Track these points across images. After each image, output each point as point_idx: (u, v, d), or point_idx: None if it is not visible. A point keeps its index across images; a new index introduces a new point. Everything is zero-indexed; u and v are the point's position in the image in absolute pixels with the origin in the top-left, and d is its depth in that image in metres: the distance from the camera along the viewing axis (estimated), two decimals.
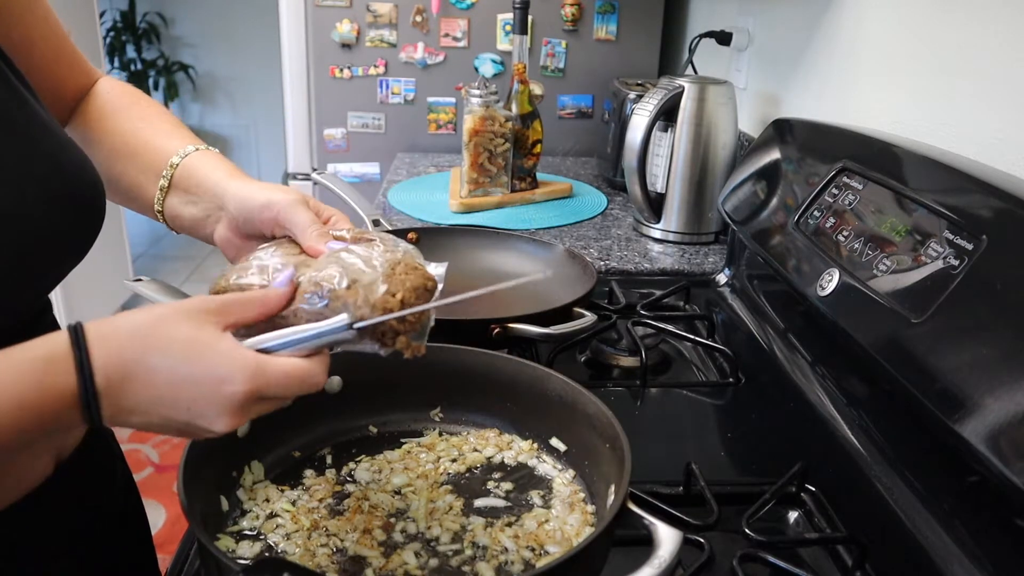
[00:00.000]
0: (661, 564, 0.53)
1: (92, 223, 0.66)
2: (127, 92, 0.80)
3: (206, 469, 0.64)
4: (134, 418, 0.50)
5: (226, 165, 0.72)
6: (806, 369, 1.00)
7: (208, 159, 0.72)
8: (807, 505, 0.77)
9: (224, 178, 0.70)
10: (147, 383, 0.49)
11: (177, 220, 0.73)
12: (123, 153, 0.75)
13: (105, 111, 0.78)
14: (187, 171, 0.72)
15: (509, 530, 0.66)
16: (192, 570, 0.69)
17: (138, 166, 0.74)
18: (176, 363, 0.50)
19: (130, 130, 0.76)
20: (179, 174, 0.72)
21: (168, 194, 0.72)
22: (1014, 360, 0.62)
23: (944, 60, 1.02)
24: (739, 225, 1.18)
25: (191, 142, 0.74)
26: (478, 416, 0.80)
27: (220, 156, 0.74)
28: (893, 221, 0.86)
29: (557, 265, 1.14)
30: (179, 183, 0.72)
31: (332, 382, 0.76)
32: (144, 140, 0.75)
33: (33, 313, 0.66)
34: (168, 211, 0.73)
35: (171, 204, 0.73)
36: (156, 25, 5.05)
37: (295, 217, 0.65)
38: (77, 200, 0.64)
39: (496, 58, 2.03)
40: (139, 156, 0.74)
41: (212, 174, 0.71)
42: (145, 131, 0.76)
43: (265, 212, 0.66)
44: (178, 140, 0.74)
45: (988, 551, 0.65)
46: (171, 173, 0.72)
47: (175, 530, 2.31)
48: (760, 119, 1.60)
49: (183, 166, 0.72)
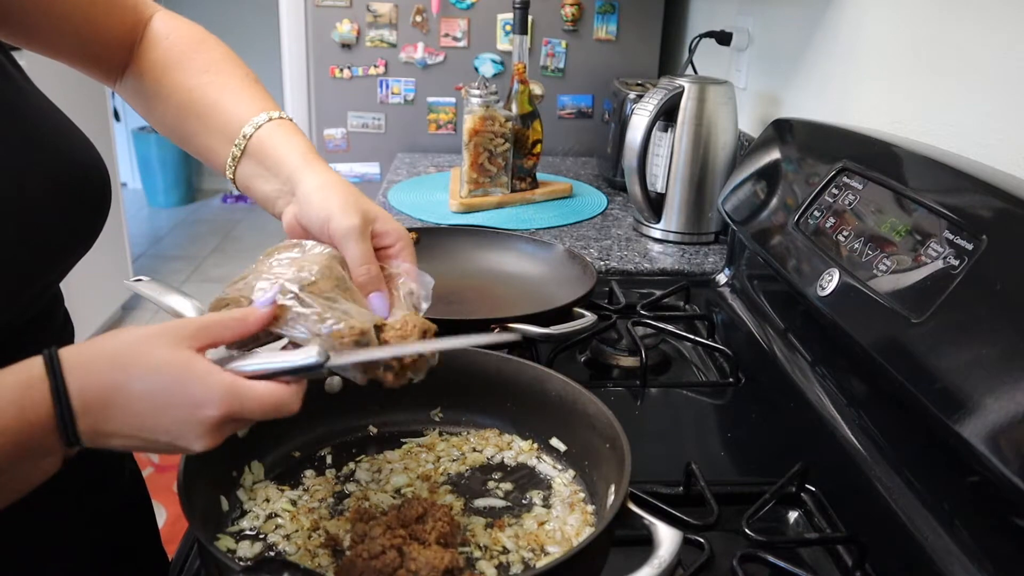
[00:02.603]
0: (661, 564, 0.53)
1: (98, 212, 0.66)
2: (189, 35, 0.76)
3: (206, 469, 0.64)
4: (114, 441, 0.51)
5: (300, 143, 0.69)
6: (806, 369, 1.00)
7: (281, 133, 0.69)
8: (807, 505, 0.77)
9: (299, 164, 0.67)
10: (126, 410, 0.50)
11: (249, 191, 0.72)
12: (191, 113, 0.72)
13: (167, 61, 0.74)
14: (260, 144, 0.69)
15: (509, 530, 0.66)
16: (192, 570, 0.69)
17: (208, 128, 0.72)
18: (154, 389, 0.50)
19: (195, 86, 0.72)
20: (252, 145, 0.69)
21: (240, 163, 0.70)
22: (1014, 360, 0.62)
23: (944, 60, 1.02)
24: (739, 225, 1.18)
25: (263, 106, 0.71)
26: (478, 416, 0.80)
27: (293, 129, 0.71)
28: (893, 221, 0.86)
29: (557, 265, 1.14)
30: (252, 154, 0.70)
31: (332, 382, 0.76)
32: (213, 100, 0.72)
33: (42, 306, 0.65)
34: (240, 180, 0.71)
35: (243, 174, 0.71)
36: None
37: (346, 250, 0.63)
38: (82, 188, 0.63)
39: (496, 58, 2.03)
40: (209, 118, 0.72)
41: (287, 155, 0.68)
42: (213, 89, 0.72)
43: (321, 227, 0.64)
44: (248, 102, 0.71)
45: (988, 551, 0.65)
46: (243, 144, 0.69)
47: (175, 530, 2.30)
48: (760, 119, 1.60)
49: (256, 138, 0.69)
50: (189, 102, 0.72)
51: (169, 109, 0.73)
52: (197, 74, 0.73)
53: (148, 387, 0.50)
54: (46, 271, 0.62)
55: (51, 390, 0.48)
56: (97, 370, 0.49)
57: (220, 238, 4.70)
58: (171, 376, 0.50)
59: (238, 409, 0.51)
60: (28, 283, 0.60)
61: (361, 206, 0.65)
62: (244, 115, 0.70)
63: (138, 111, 0.79)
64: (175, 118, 0.73)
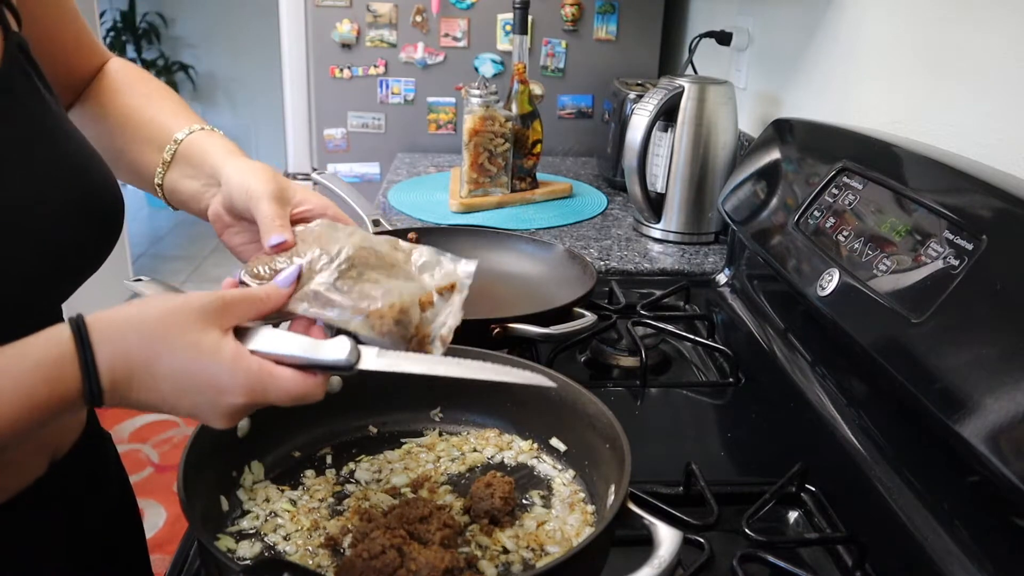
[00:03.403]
0: (661, 564, 0.53)
1: (110, 237, 0.67)
2: (135, 71, 0.81)
3: (206, 469, 0.64)
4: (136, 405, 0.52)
5: (227, 144, 0.72)
6: (806, 369, 1.00)
7: (211, 138, 0.73)
8: (807, 505, 0.77)
9: (223, 155, 0.70)
10: (152, 388, 0.51)
11: (175, 194, 0.74)
12: (127, 127, 0.76)
13: (112, 88, 0.79)
14: (189, 148, 0.72)
15: (509, 530, 0.66)
16: (192, 570, 0.69)
17: (141, 140, 0.75)
18: (180, 370, 0.51)
19: (135, 106, 0.77)
20: (182, 150, 0.72)
21: (169, 168, 0.73)
22: (1014, 360, 0.62)
23: (944, 60, 1.02)
24: (739, 225, 1.18)
25: (196, 122, 0.75)
26: (478, 416, 0.80)
27: (223, 137, 0.74)
28: (893, 221, 0.86)
29: (557, 265, 1.14)
30: (181, 158, 0.73)
31: (332, 382, 0.76)
32: (149, 116, 0.76)
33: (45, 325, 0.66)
34: (167, 185, 0.74)
35: (171, 178, 0.73)
36: (156, 25, 5.05)
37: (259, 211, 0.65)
38: (97, 213, 0.65)
39: (496, 58, 2.03)
40: (143, 130, 0.75)
41: (213, 151, 0.71)
42: (150, 108, 0.77)
43: (245, 203, 0.66)
44: (183, 119, 0.75)
45: (988, 551, 0.65)
46: (174, 149, 0.72)
47: (175, 530, 2.31)
48: (760, 119, 1.60)
49: (186, 143, 0.72)
50: (127, 119, 0.76)
51: (107, 126, 0.77)
52: (137, 97, 0.78)
53: (175, 368, 0.51)
54: (55, 291, 0.63)
55: (80, 367, 0.49)
56: (125, 344, 0.50)
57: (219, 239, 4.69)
58: (199, 359, 0.51)
59: (262, 397, 0.53)
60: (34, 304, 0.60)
61: (280, 181, 0.68)
62: (176, 127, 0.74)
63: None
64: (111, 135, 0.76)
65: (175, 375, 0.51)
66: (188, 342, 0.51)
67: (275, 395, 0.53)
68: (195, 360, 0.51)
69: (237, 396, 0.52)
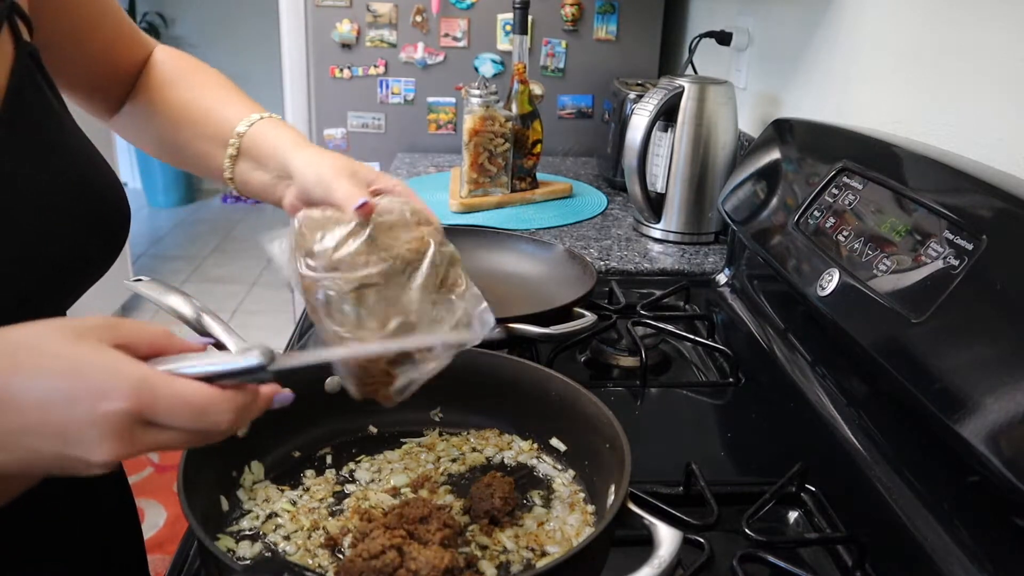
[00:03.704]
0: (661, 564, 0.53)
1: (114, 246, 0.67)
2: (184, 60, 0.81)
3: (206, 469, 0.64)
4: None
5: (290, 133, 0.72)
6: (806, 369, 1.00)
7: (273, 127, 0.73)
8: (807, 505, 0.77)
9: (290, 148, 0.70)
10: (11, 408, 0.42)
11: (247, 187, 0.74)
12: (187, 122, 0.75)
13: (164, 80, 0.78)
14: (253, 141, 0.72)
15: (509, 530, 0.66)
16: (192, 570, 0.69)
17: (203, 135, 0.75)
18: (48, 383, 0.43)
19: (191, 99, 0.76)
20: (246, 143, 0.72)
21: (237, 162, 0.73)
22: (1014, 360, 0.62)
23: (944, 60, 1.02)
24: (739, 225, 1.18)
25: (253, 109, 0.74)
26: (478, 416, 0.80)
27: (283, 123, 0.74)
28: (893, 221, 0.86)
29: (557, 265, 1.14)
30: (246, 153, 0.72)
31: (332, 382, 0.76)
32: (206, 109, 0.75)
33: None
34: (238, 178, 0.74)
35: (240, 171, 0.73)
36: (156, 25, 5.05)
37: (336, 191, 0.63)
38: (103, 223, 0.65)
39: (496, 58, 2.03)
40: (202, 125, 0.75)
41: (279, 144, 0.71)
42: (206, 99, 0.76)
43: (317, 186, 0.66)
44: (240, 107, 0.74)
45: (988, 551, 0.65)
46: (238, 143, 0.72)
47: (175, 530, 2.31)
48: (760, 119, 1.60)
49: (249, 136, 0.72)
50: (185, 113, 0.76)
51: (164, 123, 0.76)
52: (191, 88, 0.77)
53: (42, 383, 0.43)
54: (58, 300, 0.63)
55: None
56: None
57: (220, 238, 4.69)
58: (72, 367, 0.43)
59: (149, 403, 0.43)
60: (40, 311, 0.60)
61: (351, 164, 0.67)
62: (236, 118, 0.73)
63: (130, 137, 0.83)
64: (171, 130, 0.76)
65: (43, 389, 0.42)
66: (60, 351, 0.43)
67: (167, 402, 0.44)
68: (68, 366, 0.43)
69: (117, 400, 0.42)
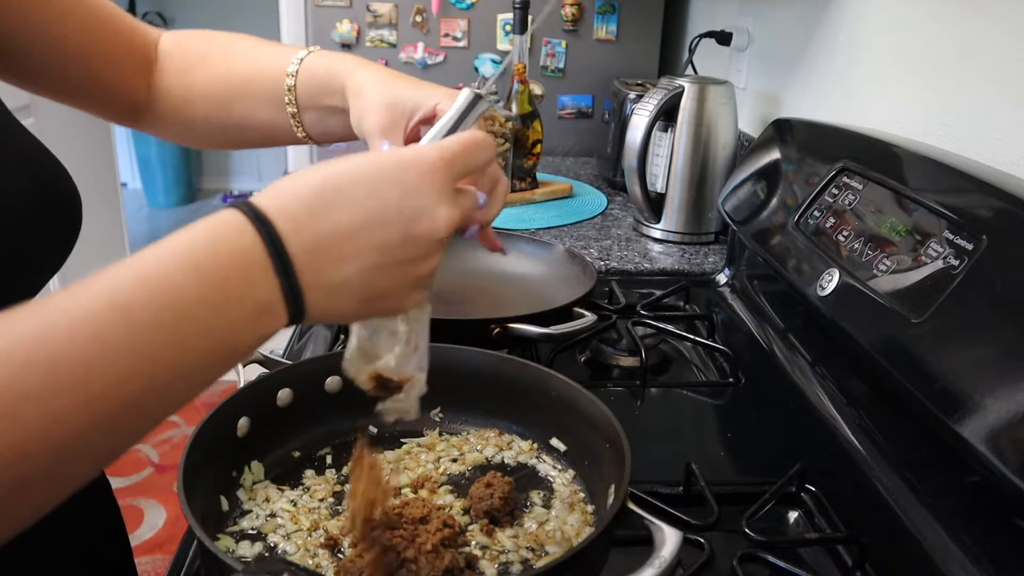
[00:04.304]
0: (661, 564, 0.53)
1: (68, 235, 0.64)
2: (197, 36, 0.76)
3: (206, 469, 0.64)
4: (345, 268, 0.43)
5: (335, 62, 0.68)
6: (806, 369, 1.00)
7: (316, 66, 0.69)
8: (807, 505, 0.77)
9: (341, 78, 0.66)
10: (345, 204, 0.43)
11: (330, 135, 0.71)
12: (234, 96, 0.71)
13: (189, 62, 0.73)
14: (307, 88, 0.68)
15: (509, 530, 0.66)
16: (192, 570, 0.69)
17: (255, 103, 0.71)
18: (364, 172, 0.45)
19: (226, 70, 0.72)
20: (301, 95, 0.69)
21: (303, 118, 0.70)
22: (1014, 360, 0.62)
23: (944, 60, 1.02)
24: (739, 225, 1.18)
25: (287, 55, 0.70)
26: (478, 416, 0.80)
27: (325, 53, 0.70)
28: (893, 221, 0.86)
29: (557, 265, 1.14)
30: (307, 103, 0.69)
31: (332, 382, 0.77)
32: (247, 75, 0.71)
33: None
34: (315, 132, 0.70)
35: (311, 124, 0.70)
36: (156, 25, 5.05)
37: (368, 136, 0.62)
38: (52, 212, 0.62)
39: (496, 58, 2.03)
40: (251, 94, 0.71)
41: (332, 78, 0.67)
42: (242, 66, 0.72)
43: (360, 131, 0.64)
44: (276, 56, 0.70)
45: (988, 551, 0.65)
46: (294, 97, 0.69)
47: (175, 530, 2.31)
48: (760, 119, 1.60)
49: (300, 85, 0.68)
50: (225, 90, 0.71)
51: (209, 106, 0.72)
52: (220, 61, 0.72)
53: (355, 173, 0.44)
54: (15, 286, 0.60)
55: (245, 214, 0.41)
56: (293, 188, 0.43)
57: None
58: (373, 156, 0.46)
59: (452, 153, 0.47)
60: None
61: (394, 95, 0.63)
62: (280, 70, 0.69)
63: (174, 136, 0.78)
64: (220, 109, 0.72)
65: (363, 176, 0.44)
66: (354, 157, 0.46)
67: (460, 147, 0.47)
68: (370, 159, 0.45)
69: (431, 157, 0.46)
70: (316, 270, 0.42)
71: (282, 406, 0.74)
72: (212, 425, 0.66)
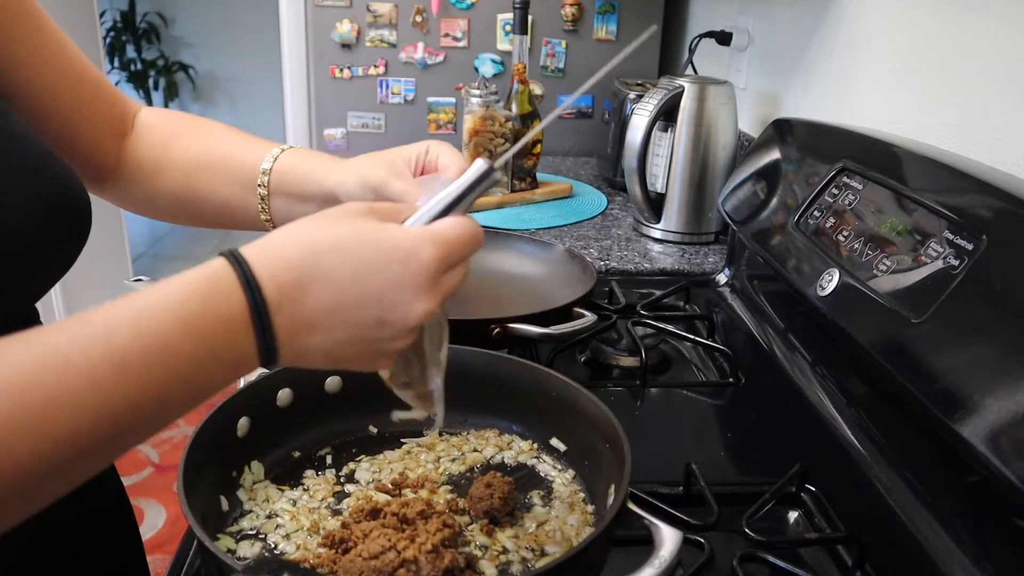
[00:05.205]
0: (661, 564, 0.53)
1: (78, 235, 0.65)
2: (182, 115, 0.79)
3: (206, 469, 0.64)
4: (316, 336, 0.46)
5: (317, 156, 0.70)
6: (806, 369, 1.00)
7: (298, 156, 0.71)
8: (807, 505, 0.77)
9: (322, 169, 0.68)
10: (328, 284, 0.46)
11: None
12: (204, 171, 0.73)
13: (167, 136, 0.76)
14: (282, 174, 0.70)
15: (509, 530, 0.66)
16: (192, 570, 0.69)
17: (225, 181, 0.72)
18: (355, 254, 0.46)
19: (204, 148, 0.74)
20: (275, 179, 0.70)
21: (271, 201, 0.71)
22: (1014, 360, 0.62)
23: (944, 60, 1.02)
24: (739, 225, 1.18)
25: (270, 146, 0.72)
26: (478, 416, 0.80)
27: (307, 150, 0.72)
28: (893, 221, 0.86)
29: (557, 265, 1.14)
30: (278, 188, 0.70)
31: (332, 382, 0.77)
32: (223, 155, 0.73)
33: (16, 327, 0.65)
34: (277, 217, 0.71)
35: (277, 209, 0.71)
36: (156, 25, 5.05)
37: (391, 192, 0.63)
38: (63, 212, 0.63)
39: (496, 58, 2.03)
40: (223, 171, 0.72)
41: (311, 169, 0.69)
42: (221, 146, 0.74)
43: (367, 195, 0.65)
44: (257, 146, 0.72)
45: (988, 551, 0.65)
46: (267, 179, 0.70)
47: (175, 530, 2.31)
48: (760, 119, 1.60)
49: (276, 170, 0.70)
50: (201, 162, 0.73)
51: (178, 177, 0.74)
52: (202, 139, 0.75)
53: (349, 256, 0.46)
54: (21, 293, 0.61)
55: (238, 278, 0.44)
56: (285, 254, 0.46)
57: (220, 238, 4.69)
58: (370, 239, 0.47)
59: (447, 248, 0.48)
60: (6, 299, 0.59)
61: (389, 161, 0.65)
62: (257, 157, 0.71)
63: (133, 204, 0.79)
64: (187, 181, 0.74)
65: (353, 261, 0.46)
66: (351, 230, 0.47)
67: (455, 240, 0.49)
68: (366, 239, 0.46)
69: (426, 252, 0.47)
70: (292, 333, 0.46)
71: (282, 406, 0.74)
72: (212, 425, 0.66)
